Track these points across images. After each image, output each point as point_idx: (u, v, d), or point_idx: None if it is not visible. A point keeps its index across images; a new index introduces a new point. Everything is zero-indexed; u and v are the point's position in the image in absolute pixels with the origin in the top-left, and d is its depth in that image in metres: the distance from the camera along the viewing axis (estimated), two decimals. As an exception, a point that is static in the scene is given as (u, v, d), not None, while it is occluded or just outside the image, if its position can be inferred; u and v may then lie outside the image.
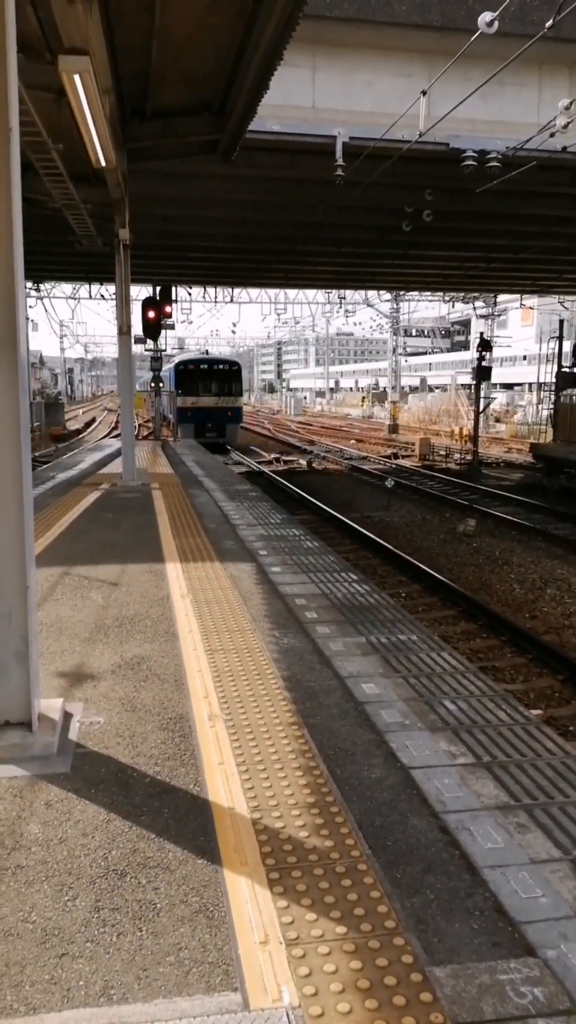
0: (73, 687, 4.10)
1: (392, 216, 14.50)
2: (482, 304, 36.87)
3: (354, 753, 3.34)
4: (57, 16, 5.70)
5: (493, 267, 21.46)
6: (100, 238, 13.45)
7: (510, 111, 11.20)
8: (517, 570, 10.95)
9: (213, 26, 7.51)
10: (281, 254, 19.68)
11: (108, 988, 2.05)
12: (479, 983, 2.06)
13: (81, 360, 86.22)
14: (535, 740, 3.48)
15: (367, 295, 38.57)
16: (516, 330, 58.03)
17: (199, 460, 18.01)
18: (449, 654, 4.62)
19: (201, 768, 3.21)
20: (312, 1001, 2.00)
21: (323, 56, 10.90)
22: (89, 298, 36.23)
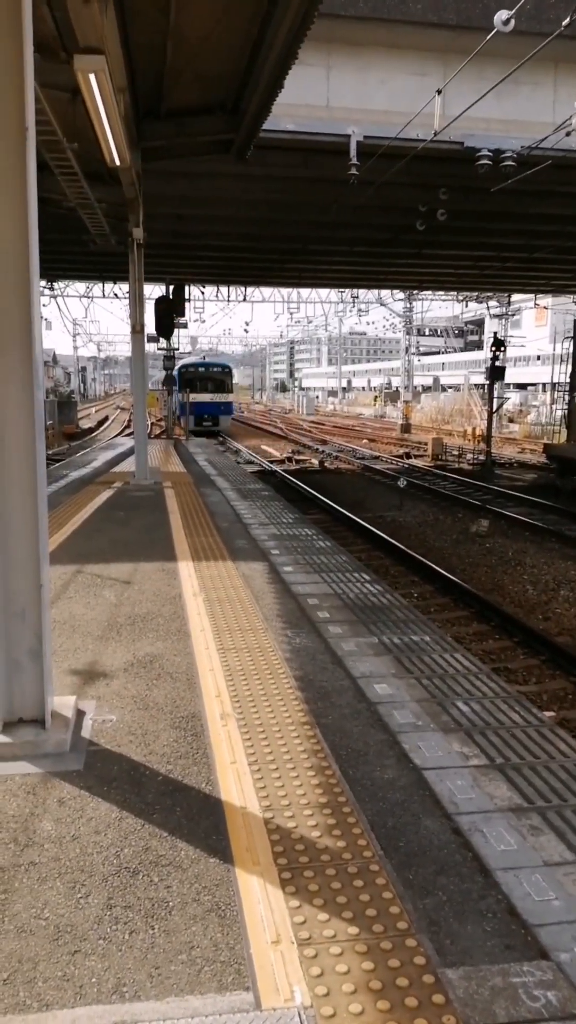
0: (86, 685, 4.12)
1: (406, 215, 14.46)
2: (496, 304, 36.74)
3: (366, 753, 3.34)
4: (73, 16, 5.72)
5: (507, 266, 21.37)
6: (114, 237, 13.49)
7: (525, 110, 11.15)
8: (530, 571, 10.90)
9: (228, 26, 7.51)
10: (294, 253, 19.67)
11: (120, 985, 2.06)
12: (492, 985, 2.05)
13: (94, 359, 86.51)
14: (548, 742, 3.46)
15: (380, 294, 38.50)
16: (530, 330, 57.80)
17: (211, 459, 18.03)
18: (462, 655, 4.61)
19: (213, 767, 3.21)
20: (324, 1001, 2.00)
21: (337, 55, 10.88)
22: (102, 297, 36.34)
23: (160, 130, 10.07)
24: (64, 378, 61.18)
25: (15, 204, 3.06)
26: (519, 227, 16.25)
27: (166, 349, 25.79)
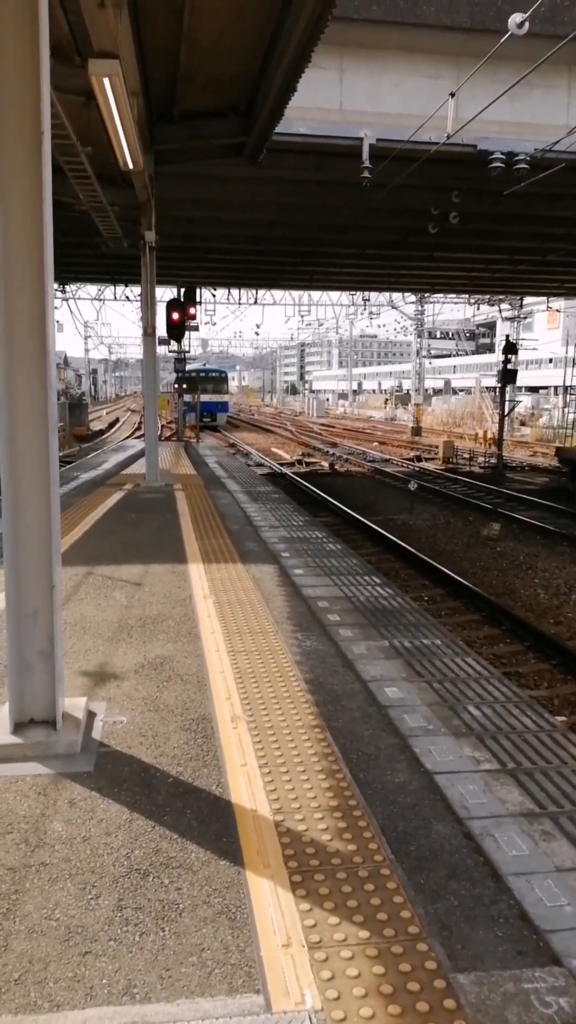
0: (96, 686, 4.13)
1: (418, 218, 14.45)
2: (508, 306, 36.63)
3: (377, 757, 3.33)
4: (88, 20, 5.75)
5: (519, 269, 21.31)
6: (126, 240, 13.54)
7: (539, 113, 11.12)
8: (542, 575, 10.86)
9: (241, 29, 7.53)
10: (305, 256, 19.68)
11: (131, 987, 2.06)
12: (503, 991, 2.04)
13: (105, 361, 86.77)
14: (561, 747, 3.45)
15: (391, 297, 38.45)
16: (542, 333, 57.61)
17: (221, 462, 18.06)
18: (473, 659, 4.59)
19: (224, 769, 3.21)
20: (335, 1005, 2.00)
21: (351, 58, 10.88)
22: (114, 299, 36.44)
23: (173, 133, 10.10)
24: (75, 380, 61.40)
25: (31, 207, 3.07)
26: (532, 230, 16.20)
27: (177, 352, 25.86)
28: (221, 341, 75.32)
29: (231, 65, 8.44)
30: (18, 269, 3.12)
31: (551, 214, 14.49)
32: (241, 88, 9.12)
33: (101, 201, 11.01)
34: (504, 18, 8.49)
